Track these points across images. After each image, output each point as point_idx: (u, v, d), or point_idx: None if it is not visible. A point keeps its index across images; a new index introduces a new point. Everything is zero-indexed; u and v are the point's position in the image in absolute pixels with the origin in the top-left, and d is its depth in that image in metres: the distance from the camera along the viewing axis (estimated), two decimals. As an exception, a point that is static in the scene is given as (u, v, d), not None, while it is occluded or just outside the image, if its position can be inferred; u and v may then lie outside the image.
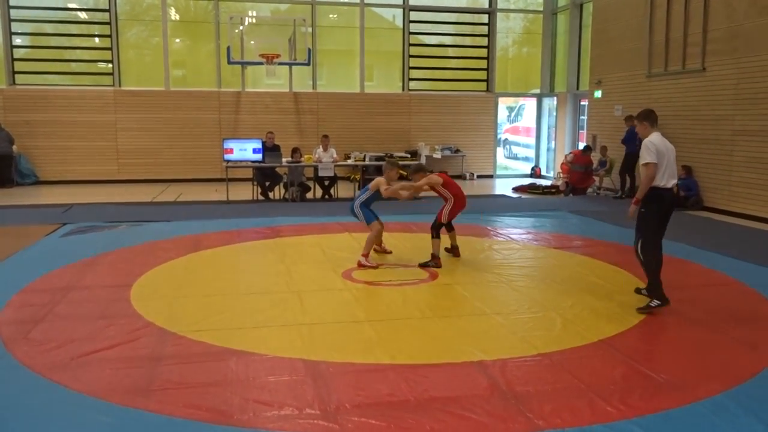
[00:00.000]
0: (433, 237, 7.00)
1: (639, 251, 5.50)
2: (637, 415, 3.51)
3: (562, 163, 15.08)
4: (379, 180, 7.21)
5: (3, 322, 4.95)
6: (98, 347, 4.44)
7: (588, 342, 4.65)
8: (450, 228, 7.37)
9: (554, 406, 3.61)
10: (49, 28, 16.03)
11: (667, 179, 5.33)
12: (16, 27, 15.37)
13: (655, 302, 5.38)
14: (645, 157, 5.30)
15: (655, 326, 5.09)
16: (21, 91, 15.07)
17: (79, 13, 16.21)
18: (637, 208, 5.44)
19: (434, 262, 6.92)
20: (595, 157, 14.10)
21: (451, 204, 7.12)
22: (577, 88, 16.66)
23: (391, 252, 7.52)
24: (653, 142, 5.32)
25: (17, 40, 15.52)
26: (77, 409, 3.54)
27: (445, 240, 7.27)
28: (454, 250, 7.43)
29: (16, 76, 15.37)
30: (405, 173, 8.93)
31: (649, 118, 5.53)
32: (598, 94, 14.68)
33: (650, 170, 5.29)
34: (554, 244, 8.32)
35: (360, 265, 6.84)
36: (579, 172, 13.81)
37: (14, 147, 14.39)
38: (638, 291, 5.83)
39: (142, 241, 8.18)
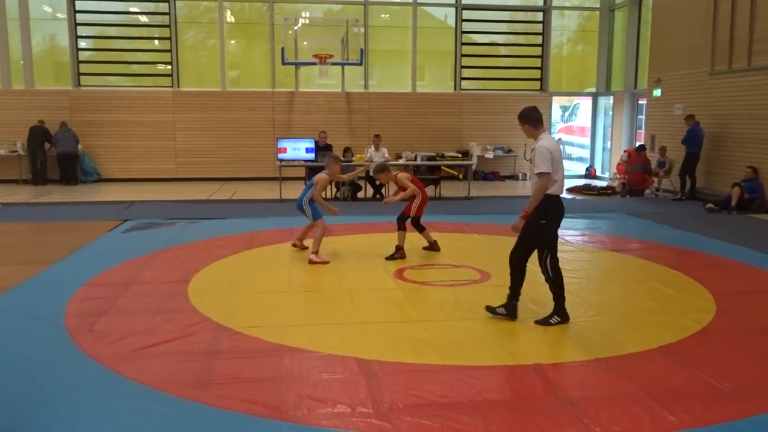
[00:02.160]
0: (399, 229, 7.34)
1: (548, 267, 5.02)
2: (700, 426, 3.39)
3: (619, 164, 14.72)
4: (322, 176, 7.43)
5: (69, 314, 5.15)
6: (158, 340, 4.57)
7: (647, 348, 4.52)
8: (421, 228, 7.54)
9: (612, 413, 3.52)
10: (111, 31, 16.60)
11: (560, 186, 4.92)
12: (81, 31, 15.98)
13: (556, 319, 5.01)
14: (540, 165, 4.76)
15: (718, 333, 4.90)
16: (85, 93, 15.65)
17: (140, 16, 16.73)
18: (523, 221, 4.91)
19: (399, 253, 7.25)
20: (654, 157, 13.70)
21: (420, 199, 7.40)
22: (635, 87, 16.23)
23: (307, 248, 7.47)
24: (548, 149, 4.78)
25: (82, 44, 16.13)
26: (139, 400, 3.65)
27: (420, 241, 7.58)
28: (433, 246, 7.58)
29: (81, 78, 15.98)
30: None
31: (530, 118, 4.95)
32: (657, 92, 14.27)
33: (546, 180, 4.79)
34: (610, 246, 8.12)
35: (311, 262, 6.99)
36: (636, 173, 13.44)
37: (79, 146, 14.96)
38: (491, 310, 5.18)
39: (198, 238, 8.37)
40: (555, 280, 5.06)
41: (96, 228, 8.98)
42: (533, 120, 4.97)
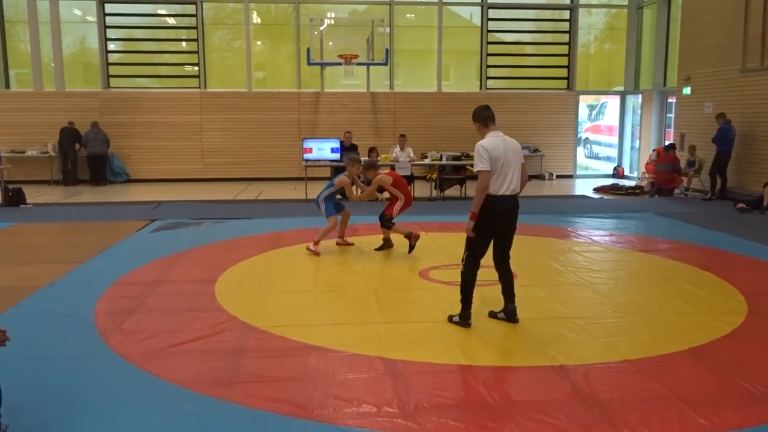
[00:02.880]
0: (382, 227, 7.53)
1: (463, 263, 4.94)
2: (731, 429, 3.33)
3: (647, 163, 14.50)
4: (343, 179, 7.62)
5: (99, 313, 5.23)
6: (185, 339, 4.62)
7: (677, 350, 4.44)
8: (389, 227, 7.59)
9: (641, 416, 3.46)
10: (139, 33, 16.85)
11: (501, 185, 4.73)
12: (110, 33, 16.25)
13: (457, 318, 4.94)
14: (477, 164, 4.72)
15: (751, 335, 4.80)
16: (114, 94, 15.91)
17: (167, 19, 16.96)
18: (472, 222, 4.80)
19: (387, 244, 7.55)
20: (683, 156, 13.47)
21: (402, 202, 7.51)
22: (664, 85, 15.98)
23: (353, 244, 7.90)
24: (484, 146, 4.71)
25: (111, 46, 16.40)
26: (167, 398, 3.69)
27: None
28: (387, 243, 7.67)
29: (111, 79, 16.24)
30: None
31: (479, 116, 4.89)
32: (686, 90, 14.03)
33: (482, 178, 4.70)
34: (639, 246, 8.01)
35: (308, 249, 7.43)
36: (665, 172, 13.21)
37: (109, 147, 15.20)
38: (493, 315, 5.15)
39: (224, 237, 8.45)
40: (463, 278, 4.93)
41: (125, 228, 9.12)
42: (482, 118, 4.91)
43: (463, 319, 4.94)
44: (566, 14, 17.28)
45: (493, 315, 5.13)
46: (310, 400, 3.65)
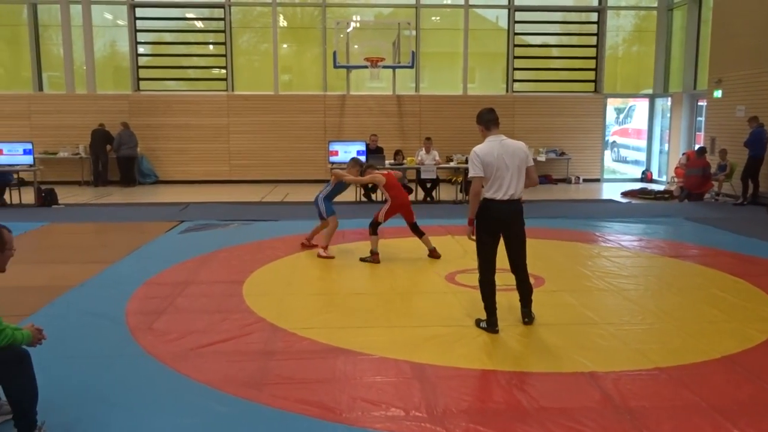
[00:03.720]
0: (370, 234, 7.35)
1: (479, 271, 4.94)
2: (768, 440, 3.26)
3: (677, 167, 14.29)
4: (338, 171, 7.94)
5: (130, 312, 5.31)
6: (214, 340, 4.66)
7: (710, 358, 4.36)
8: (420, 233, 7.50)
9: (673, 425, 3.41)
10: (168, 37, 17.09)
11: (497, 190, 4.70)
12: (140, 37, 16.50)
13: (484, 324, 4.91)
14: (470, 170, 4.83)
15: (786, 344, 4.70)
16: (144, 97, 16.15)
17: (196, 22, 17.17)
18: (472, 228, 4.85)
19: (372, 257, 7.23)
20: (714, 160, 13.25)
21: (388, 205, 7.42)
22: (695, 88, 15.74)
23: (316, 246, 7.83)
24: (476, 152, 4.73)
25: (141, 49, 16.65)
26: (197, 398, 3.73)
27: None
28: (433, 253, 7.45)
29: (140, 82, 16.49)
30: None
31: (482, 119, 4.85)
32: (717, 93, 13.80)
33: (474, 185, 4.76)
34: (669, 252, 7.89)
35: (319, 256, 7.42)
36: (695, 176, 13.00)
37: (138, 149, 15.43)
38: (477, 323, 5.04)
39: (252, 239, 8.52)
40: (480, 287, 4.92)
41: (154, 228, 9.24)
42: (483, 121, 4.88)
43: (490, 325, 4.91)
44: (594, 16, 17.12)
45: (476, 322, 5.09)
46: (338, 403, 3.66)
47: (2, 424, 3.40)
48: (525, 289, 5.06)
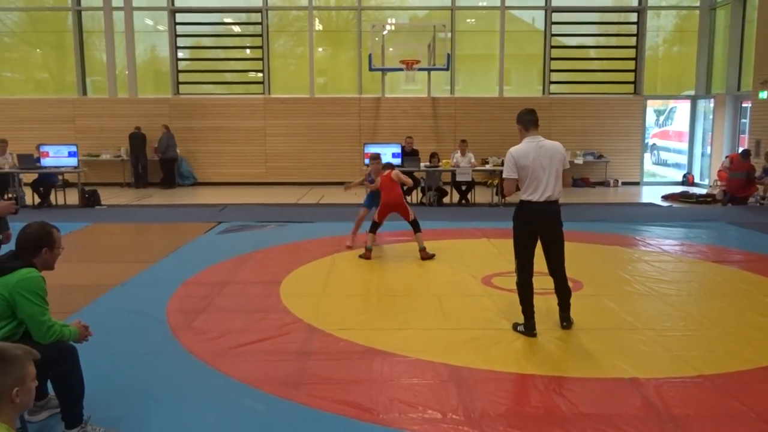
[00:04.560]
0: (368, 232, 7.64)
1: (516, 273, 4.93)
2: (818, 451, 3.16)
3: (719, 170, 13.94)
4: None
5: (171, 311, 5.41)
6: (253, 339, 4.72)
7: (757, 366, 4.25)
8: (416, 229, 7.59)
9: (718, 433, 3.33)
10: (207, 42, 17.37)
11: (533, 192, 4.67)
12: (179, 42, 16.82)
13: (522, 327, 4.86)
14: (504, 170, 4.83)
15: (837, 353, 4.54)
16: (183, 100, 16.44)
17: (233, 27, 17.43)
18: None
19: (365, 254, 7.49)
20: (759, 163, 12.89)
21: (380, 206, 7.68)
22: (738, 89, 15.34)
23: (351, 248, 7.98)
24: (511, 154, 4.74)
25: (180, 54, 16.96)
26: (236, 396, 3.78)
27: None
28: (422, 253, 7.47)
29: (180, 86, 16.80)
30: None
31: (521, 119, 4.80)
32: (763, 95, 13.43)
33: (506, 186, 4.83)
34: (712, 257, 7.71)
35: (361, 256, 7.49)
36: (739, 180, 12.67)
37: (178, 151, 15.72)
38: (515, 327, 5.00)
39: (288, 240, 8.60)
40: (517, 289, 4.90)
41: (193, 229, 9.40)
42: (523, 122, 4.84)
43: (528, 329, 4.87)
44: (633, 17, 16.83)
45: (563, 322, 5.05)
46: (375, 404, 3.67)
47: (50, 418, 3.49)
48: (563, 293, 5.00)
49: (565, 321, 5.01)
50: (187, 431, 3.40)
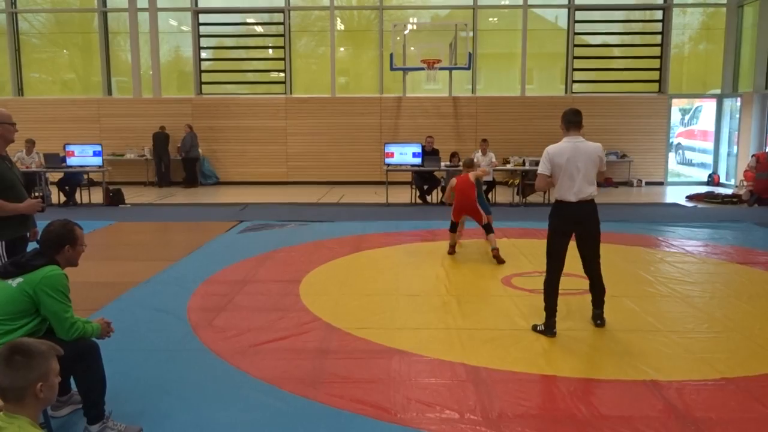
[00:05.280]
0: (449, 231, 7.83)
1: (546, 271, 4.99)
2: None
3: (746, 170, 13.70)
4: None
5: (191, 309, 5.47)
6: (272, 337, 4.75)
7: (781, 369, 4.17)
8: (488, 231, 7.53)
9: (741, 437, 3.28)
10: (229, 42, 17.51)
11: (567, 191, 4.71)
12: (203, 42, 16.98)
13: (541, 327, 4.87)
14: (539, 167, 4.87)
15: None
16: (206, 100, 16.59)
17: (256, 27, 17.54)
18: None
19: (450, 249, 7.73)
20: (786, 163, 12.64)
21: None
22: (766, 88, 15.06)
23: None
24: (547, 151, 4.79)
25: (203, 54, 17.12)
26: (255, 394, 3.81)
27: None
28: (494, 253, 7.40)
29: (203, 86, 16.96)
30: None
31: (563, 118, 4.86)
32: (791, 93, 13.17)
33: (538, 181, 4.89)
34: (737, 258, 7.58)
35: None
36: (766, 180, 12.45)
37: (200, 150, 15.87)
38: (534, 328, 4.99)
39: (308, 239, 8.64)
40: (544, 286, 4.92)
41: (214, 228, 9.49)
42: (565, 121, 4.88)
43: (548, 328, 4.84)
44: (658, 14, 16.61)
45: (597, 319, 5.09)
46: (392, 403, 3.67)
47: (72, 414, 3.55)
48: (597, 291, 5.02)
49: (599, 319, 5.02)
50: (206, 428, 3.43)
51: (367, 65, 17.27)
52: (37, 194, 12.04)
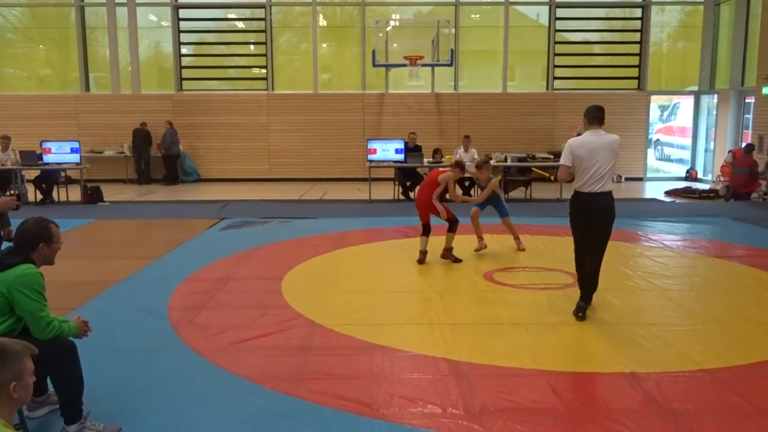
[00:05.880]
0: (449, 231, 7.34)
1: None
2: (818, 446, 3.15)
3: (723, 166, 13.89)
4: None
5: (172, 307, 5.42)
6: (254, 335, 4.73)
7: (757, 360, 4.24)
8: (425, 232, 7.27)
9: (718, 428, 3.33)
10: (211, 38, 17.37)
11: (586, 182, 4.92)
12: (183, 38, 16.83)
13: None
14: (561, 159, 5.07)
15: (839, 348, 4.53)
16: (187, 96, 16.45)
17: (237, 23, 17.42)
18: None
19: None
20: (762, 159, 12.84)
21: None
22: (742, 85, 15.27)
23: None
24: (569, 144, 5.00)
25: (184, 50, 16.97)
26: (237, 392, 3.79)
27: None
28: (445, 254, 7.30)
29: (183, 82, 16.82)
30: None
31: (587, 114, 5.07)
32: (766, 90, 13.36)
33: (560, 172, 5.05)
34: (714, 252, 7.68)
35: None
36: (742, 176, 12.61)
37: (181, 147, 15.73)
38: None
39: (290, 236, 8.60)
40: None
41: (195, 226, 9.41)
42: (588, 117, 5.07)
43: (577, 309, 5.12)
44: (637, 12, 16.76)
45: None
46: (375, 399, 3.67)
47: (49, 414, 3.51)
48: (590, 285, 5.14)
49: (582, 312, 5.09)
50: (187, 427, 3.40)
51: (350, 62, 17.23)
52: (12, 192, 11.85)
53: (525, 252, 7.58)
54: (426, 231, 7.22)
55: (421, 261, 7.08)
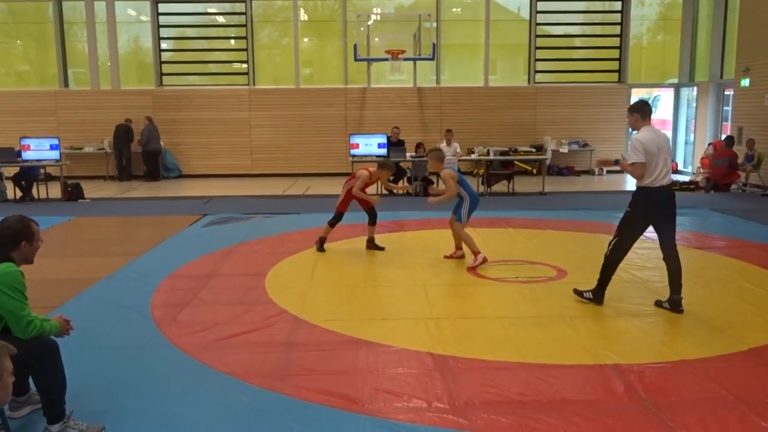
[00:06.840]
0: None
1: (609, 247, 5.27)
2: (797, 434, 3.21)
3: (703, 158, 14.06)
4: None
5: (154, 305, 5.38)
6: (238, 331, 4.71)
7: (737, 350, 4.30)
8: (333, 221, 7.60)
9: (699, 417, 3.37)
10: (191, 32, 17.22)
11: (657, 177, 4.99)
12: (163, 33, 16.65)
13: (590, 294, 5.30)
14: (632, 156, 4.98)
15: (816, 337, 4.61)
16: (167, 92, 16.30)
17: (217, 17, 17.27)
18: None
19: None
20: (741, 150, 13.01)
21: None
22: (721, 77, 15.45)
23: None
24: (640, 140, 4.98)
25: (164, 45, 16.80)
26: (221, 389, 3.77)
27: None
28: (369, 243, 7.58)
29: (163, 77, 16.65)
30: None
31: (640, 109, 5.12)
32: (745, 82, 13.54)
33: (637, 171, 5.00)
34: (694, 243, 7.78)
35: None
36: (722, 167, 12.79)
37: (161, 143, 15.58)
38: (659, 304, 5.28)
39: (274, 232, 8.57)
40: (606, 262, 5.26)
41: (178, 222, 9.34)
42: (642, 112, 5.11)
43: (596, 296, 5.26)
44: (618, 5, 16.88)
45: (658, 304, 5.26)
46: (360, 394, 3.67)
47: (32, 414, 3.47)
48: (678, 275, 5.17)
49: (679, 305, 5.12)
50: (171, 424, 3.38)
51: (332, 56, 17.17)
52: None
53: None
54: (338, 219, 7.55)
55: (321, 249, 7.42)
